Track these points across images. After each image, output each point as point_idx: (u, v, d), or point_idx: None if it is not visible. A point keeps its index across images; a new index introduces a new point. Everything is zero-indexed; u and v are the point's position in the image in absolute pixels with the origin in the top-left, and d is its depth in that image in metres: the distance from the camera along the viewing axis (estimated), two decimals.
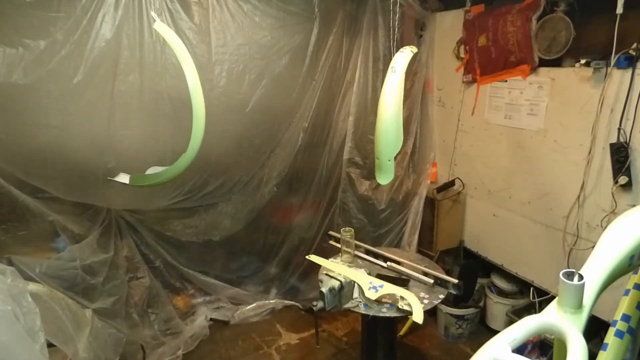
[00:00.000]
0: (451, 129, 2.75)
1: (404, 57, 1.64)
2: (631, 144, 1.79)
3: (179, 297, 2.73)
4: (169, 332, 2.55)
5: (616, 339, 0.72)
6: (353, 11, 2.64)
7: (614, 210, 1.88)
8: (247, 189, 2.70)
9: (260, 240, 2.89)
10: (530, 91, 2.20)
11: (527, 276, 2.38)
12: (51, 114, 1.91)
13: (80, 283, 2.08)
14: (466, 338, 2.66)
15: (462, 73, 2.60)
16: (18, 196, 1.91)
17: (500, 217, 2.50)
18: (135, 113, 2.10)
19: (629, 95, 1.76)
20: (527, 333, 0.64)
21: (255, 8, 2.30)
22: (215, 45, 2.21)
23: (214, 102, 2.23)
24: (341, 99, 2.77)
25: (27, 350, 1.12)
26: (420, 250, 2.84)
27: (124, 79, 2.01)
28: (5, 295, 1.15)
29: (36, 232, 2.03)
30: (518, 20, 2.14)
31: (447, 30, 2.68)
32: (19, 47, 1.75)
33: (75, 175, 2.06)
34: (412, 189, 2.90)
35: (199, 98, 1.68)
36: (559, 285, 0.65)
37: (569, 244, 2.10)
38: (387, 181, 1.70)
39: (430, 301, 1.75)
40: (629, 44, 1.75)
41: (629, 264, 0.77)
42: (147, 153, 2.17)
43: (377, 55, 2.69)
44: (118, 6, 1.91)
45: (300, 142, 2.67)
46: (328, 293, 1.63)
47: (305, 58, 2.53)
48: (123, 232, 2.43)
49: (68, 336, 1.64)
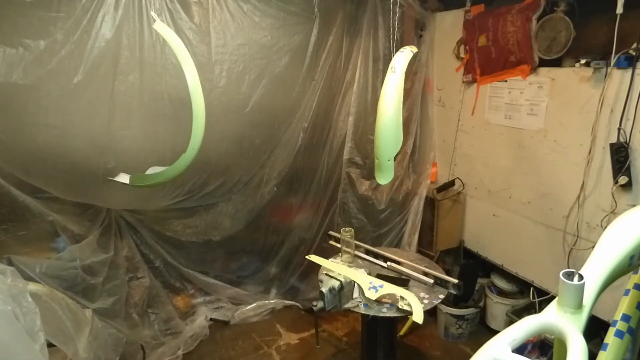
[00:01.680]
0: (451, 129, 2.75)
1: (404, 57, 1.64)
2: (631, 144, 1.79)
3: (179, 297, 2.73)
4: (169, 332, 2.55)
5: (616, 339, 0.72)
6: (353, 11, 2.64)
7: (614, 210, 1.88)
8: (247, 189, 2.70)
9: (260, 240, 2.89)
10: (530, 91, 2.20)
11: (527, 276, 2.38)
12: (51, 114, 1.90)
13: (80, 283, 2.08)
14: (466, 338, 2.66)
15: (462, 73, 2.60)
16: (18, 196, 1.91)
17: (500, 217, 2.50)
18: (135, 113, 2.10)
19: (629, 95, 1.76)
20: (527, 333, 0.64)
21: (255, 8, 2.30)
22: (215, 45, 2.21)
23: (214, 102, 2.23)
24: (341, 99, 2.77)
25: (27, 350, 1.12)
26: (420, 250, 2.84)
27: (124, 79, 2.01)
28: (5, 295, 1.15)
29: (36, 232, 2.03)
30: (518, 20, 2.14)
31: (447, 30, 2.68)
32: (19, 47, 1.75)
33: (75, 175, 2.06)
34: (412, 189, 2.90)
35: (199, 98, 1.68)
36: (559, 285, 0.65)
37: (569, 244, 2.10)
38: (386, 181, 1.70)
39: (430, 301, 1.75)
40: (629, 44, 1.75)
41: (629, 264, 0.77)
42: (147, 153, 2.17)
43: (377, 55, 2.69)
44: (118, 6, 1.91)
45: (300, 142, 2.67)
46: (328, 293, 1.63)
47: (305, 58, 2.53)
48: (123, 232, 2.43)
49: (68, 336, 1.64)
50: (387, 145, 1.64)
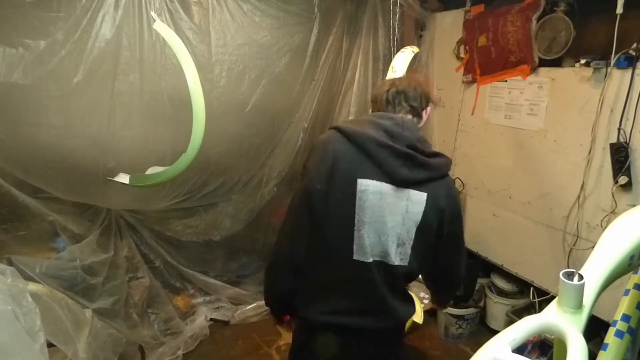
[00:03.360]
0: (451, 129, 2.75)
1: (404, 57, 1.64)
2: (631, 144, 1.79)
3: (179, 297, 2.73)
4: (169, 332, 2.54)
5: (616, 339, 0.72)
6: (353, 11, 2.64)
7: (614, 210, 1.88)
8: (247, 189, 2.70)
9: (260, 240, 2.89)
10: (530, 91, 2.20)
11: (527, 276, 2.38)
12: (51, 114, 1.90)
13: (80, 283, 2.08)
14: (466, 338, 2.66)
15: (462, 73, 2.60)
16: (18, 196, 1.91)
17: (500, 217, 2.50)
18: (135, 113, 2.10)
19: (628, 95, 1.76)
20: (527, 333, 0.64)
21: (255, 8, 2.30)
22: (215, 45, 2.21)
23: (213, 102, 2.23)
24: (341, 99, 2.77)
25: (27, 350, 1.12)
26: None
27: (124, 79, 2.01)
28: (5, 295, 1.15)
29: (36, 232, 2.03)
30: (518, 20, 2.14)
31: (447, 30, 2.68)
32: (19, 47, 1.74)
33: (75, 175, 2.05)
34: None
35: (199, 98, 1.68)
36: (559, 285, 0.65)
37: (569, 244, 2.10)
38: None
39: (430, 301, 1.75)
40: (629, 44, 1.75)
41: (629, 264, 0.77)
42: (147, 153, 2.17)
43: (377, 55, 2.69)
44: (118, 6, 1.91)
45: (300, 142, 2.66)
46: None
47: (305, 58, 2.53)
48: (123, 232, 2.43)
49: (68, 336, 1.64)
50: None
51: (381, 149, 1.18)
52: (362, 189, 1.19)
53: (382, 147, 1.17)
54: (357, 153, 1.20)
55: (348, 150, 1.20)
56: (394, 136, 1.19)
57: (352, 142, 1.20)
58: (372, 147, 1.18)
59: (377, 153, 1.18)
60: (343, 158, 1.20)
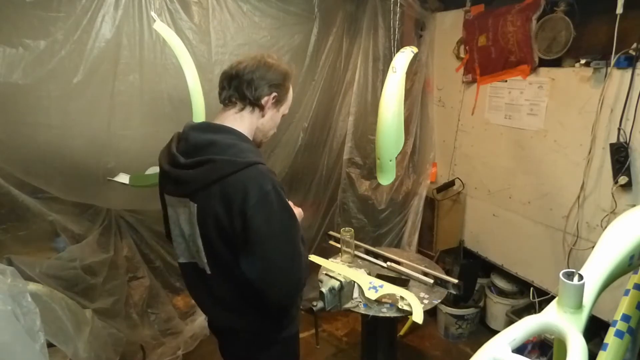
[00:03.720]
0: (451, 129, 2.75)
1: (404, 57, 1.63)
2: (631, 144, 1.79)
3: (179, 297, 2.72)
4: (169, 332, 2.54)
5: (616, 339, 0.72)
6: (353, 11, 2.64)
7: (614, 210, 1.88)
8: None
9: None
10: (530, 91, 2.20)
11: (527, 276, 2.38)
12: (51, 114, 1.90)
13: (80, 283, 2.08)
14: (466, 338, 2.66)
15: (462, 73, 2.60)
16: (18, 196, 1.90)
17: (500, 217, 2.50)
18: (135, 113, 2.10)
19: (628, 95, 1.76)
20: (527, 333, 0.64)
21: (255, 8, 2.30)
22: (215, 46, 2.21)
23: (213, 102, 2.22)
24: (341, 99, 2.77)
25: (27, 350, 1.12)
26: (420, 250, 2.84)
27: (124, 79, 2.01)
28: (5, 295, 1.15)
29: (36, 232, 2.03)
30: (518, 20, 2.14)
31: (447, 30, 2.68)
32: (19, 47, 1.74)
33: (75, 175, 2.05)
34: (412, 189, 2.90)
35: (199, 98, 1.68)
36: (559, 285, 0.65)
37: (569, 244, 2.10)
38: (388, 182, 1.70)
39: (430, 301, 1.75)
40: (629, 44, 1.75)
41: (629, 264, 0.77)
42: (147, 153, 2.16)
43: (377, 55, 2.69)
44: (118, 6, 1.91)
45: (300, 142, 2.66)
46: (328, 293, 1.63)
47: (305, 58, 2.53)
48: (123, 232, 2.43)
49: (68, 336, 1.64)
50: (389, 146, 1.63)
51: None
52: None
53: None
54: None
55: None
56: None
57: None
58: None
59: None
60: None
